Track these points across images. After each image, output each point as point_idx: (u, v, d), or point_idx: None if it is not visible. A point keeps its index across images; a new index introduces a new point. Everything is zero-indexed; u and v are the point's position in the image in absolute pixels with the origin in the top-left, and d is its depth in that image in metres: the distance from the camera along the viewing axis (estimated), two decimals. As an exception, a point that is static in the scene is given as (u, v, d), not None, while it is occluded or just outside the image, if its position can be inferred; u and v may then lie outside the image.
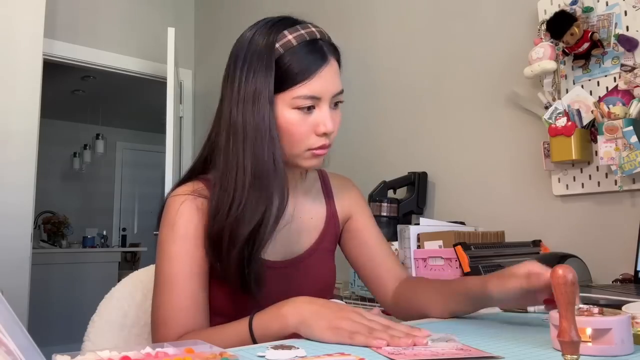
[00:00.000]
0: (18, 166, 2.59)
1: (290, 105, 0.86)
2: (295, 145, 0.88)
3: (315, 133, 0.87)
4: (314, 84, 0.85)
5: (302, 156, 0.89)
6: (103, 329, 0.97)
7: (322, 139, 0.88)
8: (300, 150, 0.88)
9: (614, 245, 1.42)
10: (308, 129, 0.87)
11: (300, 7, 2.68)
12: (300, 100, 0.85)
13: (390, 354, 0.58)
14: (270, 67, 0.85)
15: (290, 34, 0.87)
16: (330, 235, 1.02)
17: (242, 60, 0.89)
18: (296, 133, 0.86)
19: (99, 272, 4.74)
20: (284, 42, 0.86)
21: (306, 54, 0.86)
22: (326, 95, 0.87)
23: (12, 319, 0.45)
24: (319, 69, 0.85)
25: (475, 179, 1.81)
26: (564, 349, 0.49)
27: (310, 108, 0.86)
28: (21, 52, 2.64)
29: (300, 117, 0.86)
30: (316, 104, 0.86)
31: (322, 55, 0.87)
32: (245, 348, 0.66)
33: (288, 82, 0.85)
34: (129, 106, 5.67)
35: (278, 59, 0.85)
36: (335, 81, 0.88)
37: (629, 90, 1.39)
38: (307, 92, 0.85)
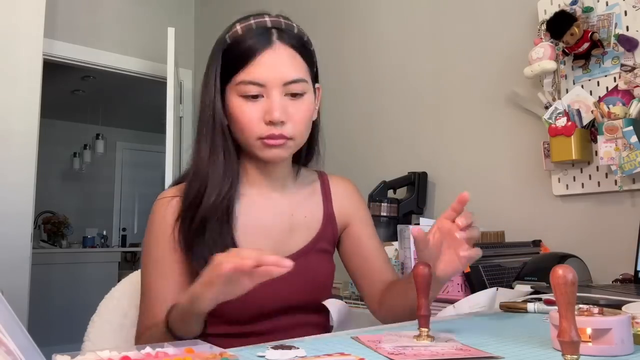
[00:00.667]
0: (18, 166, 2.59)
1: (237, 93, 0.87)
2: (245, 133, 0.88)
3: (264, 121, 0.86)
4: (254, 69, 0.85)
5: (254, 145, 0.88)
6: (103, 329, 0.98)
7: (271, 128, 0.86)
8: (251, 138, 0.88)
9: (614, 245, 1.42)
10: (256, 117, 0.86)
11: (300, 7, 2.70)
12: (242, 86, 0.86)
13: (390, 354, 0.58)
14: (217, 59, 0.89)
15: (240, 24, 0.90)
16: (327, 237, 1.01)
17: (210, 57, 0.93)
18: (242, 120, 0.87)
19: (99, 272, 4.74)
20: (231, 32, 0.89)
21: (249, 40, 0.86)
22: (271, 83, 0.85)
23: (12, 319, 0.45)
24: (258, 54, 0.85)
25: (475, 179, 1.81)
26: (564, 349, 0.49)
27: (257, 97, 0.86)
28: (21, 52, 2.64)
29: (245, 103, 0.87)
30: (262, 92, 0.86)
31: (266, 40, 0.86)
32: (245, 348, 0.66)
33: (232, 69, 0.87)
34: (129, 106, 5.67)
35: (226, 48, 0.88)
36: (283, 68, 0.86)
37: (629, 90, 1.39)
38: (247, 77, 0.86)
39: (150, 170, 6.30)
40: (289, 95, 0.87)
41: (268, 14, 0.92)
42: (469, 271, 1.35)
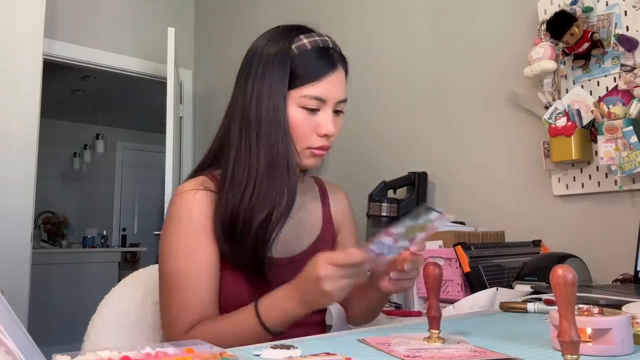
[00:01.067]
0: (18, 166, 2.59)
1: (298, 104, 0.92)
2: (297, 143, 0.93)
3: (317, 133, 0.93)
4: (321, 86, 0.92)
5: (302, 154, 0.94)
6: (103, 329, 0.97)
7: (322, 140, 0.94)
8: (301, 147, 0.93)
9: (614, 245, 1.42)
10: (310, 129, 0.93)
11: (300, 7, 2.70)
12: (307, 99, 0.91)
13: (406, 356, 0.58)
14: (286, 66, 0.91)
15: (306, 38, 0.94)
16: (328, 238, 1.05)
17: (259, 59, 0.94)
18: (299, 130, 0.92)
19: (99, 272, 4.74)
20: (299, 44, 0.93)
21: (317, 59, 0.93)
22: (331, 100, 0.93)
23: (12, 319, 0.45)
24: (327, 74, 0.92)
25: (475, 179, 1.81)
26: (564, 349, 0.49)
27: (315, 110, 0.92)
28: (21, 52, 2.64)
29: (305, 116, 0.92)
30: (320, 106, 0.93)
31: (332, 62, 0.94)
32: (244, 348, 0.66)
33: (298, 81, 0.91)
34: (129, 106, 5.66)
35: (292, 58, 0.92)
36: (340, 88, 0.95)
37: (629, 90, 1.39)
38: (314, 92, 0.91)
39: (150, 170, 6.30)
40: (334, 112, 0.95)
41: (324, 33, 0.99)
42: (469, 271, 1.35)
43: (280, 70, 0.91)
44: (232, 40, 3.26)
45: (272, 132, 0.90)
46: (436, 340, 0.64)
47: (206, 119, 3.51)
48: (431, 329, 0.65)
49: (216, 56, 3.43)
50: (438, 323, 0.65)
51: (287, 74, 0.91)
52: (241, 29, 3.18)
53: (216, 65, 3.42)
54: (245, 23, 3.14)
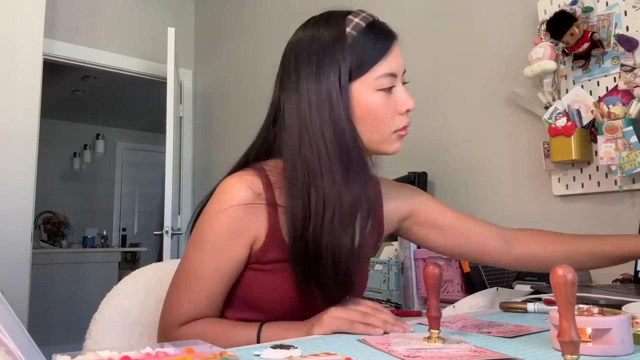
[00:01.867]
0: (18, 166, 2.59)
1: (374, 87, 0.83)
2: (382, 129, 0.85)
3: (399, 113, 0.86)
4: (391, 61, 0.84)
5: (388, 140, 0.87)
6: (105, 327, 0.97)
7: (405, 118, 0.87)
8: (387, 133, 0.86)
9: (614, 245, 1.42)
10: (392, 110, 0.85)
11: (300, 7, 2.69)
12: (382, 79, 0.83)
13: (406, 356, 0.58)
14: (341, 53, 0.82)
15: (355, 17, 0.86)
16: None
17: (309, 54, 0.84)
18: (383, 115, 0.84)
19: (99, 272, 4.74)
20: (353, 25, 0.85)
21: (377, 34, 0.85)
22: (400, 72, 0.87)
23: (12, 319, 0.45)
24: (391, 45, 0.85)
25: (475, 179, 1.81)
26: (564, 349, 0.49)
27: (390, 88, 0.84)
28: (21, 52, 2.65)
29: (384, 98, 0.84)
30: (394, 82, 0.85)
31: (389, 32, 0.87)
32: (244, 348, 0.66)
33: (367, 64, 0.83)
34: (129, 106, 5.67)
35: (352, 42, 0.83)
36: (401, 57, 0.88)
37: (628, 90, 1.39)
38: (387, 69, 0.84)
39: (150, 170, 6.30)
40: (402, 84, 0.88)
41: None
42: (469, 271, 1.35)
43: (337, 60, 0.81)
44: (232, 40, 3.26)
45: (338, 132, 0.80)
46: (436, 340, 0.64)
47: (206, 119, 3.51)
48: (431, 329, 0.65)
49: (216, 56, 3.43)
50: (438, 323, 0.65)
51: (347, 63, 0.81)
52: (241, 29, 3.18)
53: (216, 65, 3.42)
54: (246, 23, 3.14)
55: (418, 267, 1.50)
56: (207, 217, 0.85)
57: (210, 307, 0.85)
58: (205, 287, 0.84)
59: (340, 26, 0.84)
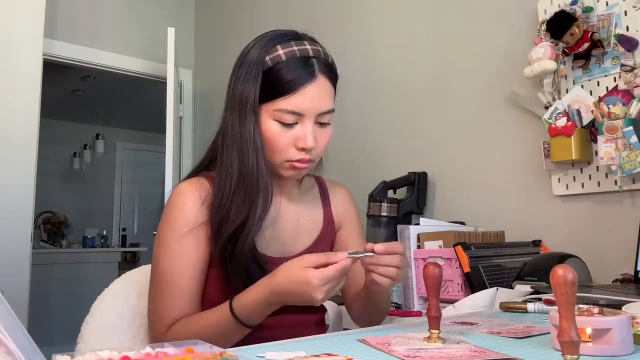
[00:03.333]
0: (18, 166, 2.59)
1: (272, 117, 0.89)
2: (275, 155, 0.91)
3: (295, 147, 0.90)
4: (297, 99, 0.87)
5: (280, 166, 0.92)
6: (97, 330, 0.97)
7: (301, 153, 0.90)
8: (280, 160, 0.91)
9: (614, 245, 1.42)
10: (288, 142, 0.89)
11: (300, 7, 2.69)
12: (281, 113, 0.88)
13: (406, 356, 0.58)
14: (257, 78, 0.88)
15: (282, 49, 0.89)
16: (327, 239, 1.05)
17: (237, 69, 0.93)
18: (276, 144, 0.89)
19: (99, 272, 4.74)
20: (273, 55, 0.89)
21: (293, 69, 0.87)
22: (309, 113, 0.88)
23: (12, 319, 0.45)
24: (302, 86, 0.87)
25: (475, 179, 1.81)
26: (564, 349, 0.49)
27: (292, 124, 0.88)
28: (21, 52, 2.64)
29: (281, 129, 0.89)
30: (298, 119, 0.89)
31: (310, 72, 0.88)
32: (245, 348, 0.66)
33: (272, 94, 0.88)
34: (129, 106, 5.66)
35: (266, 71, 0.88)
36: (320, 100, 0.89)
37: (629, 90, 1.39)
38: (288, 106, 0.87)
39: (150, 170, 6.29)
40: (317, 123, 0.91)
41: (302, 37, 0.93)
42: (469, 271, 1.35)
43: (251, 83, 0.89)
44: (232, 40, 3.26)
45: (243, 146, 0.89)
46: (436, 340, 0.64)
47: (206, 119, 3.51)
48: (431, 329, 0.65)
49: (216, 56, 3.42)
50: (438, 323, 0.65)
51: (257, 88, 0.88)
52: (241, 29, 3.18)
53: (216, 65, 3.42)
54: (246, 23, 3.14)
55: (418, 267, 1.50)
56: (164, 221, 0.93)
57: (189, 306, 0.89)
58: (179, 289, 0.89)
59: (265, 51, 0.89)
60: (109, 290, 1.03)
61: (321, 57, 0.91)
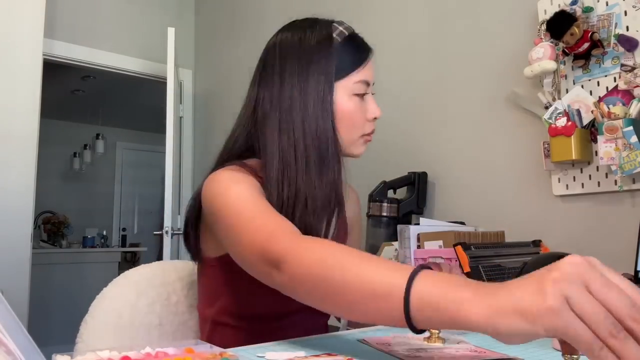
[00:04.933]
0: (18, 166, 2.59)
1: (351, 92, 0.90)
2: (353, 132, 0.91)
3: (367, 119, 0.93)
4: (367, 70, 0.92)
5: (355, 143, 0.93)
6: (97, 330, 0.97)
7: (372, 125, 0.95)
8: (356, 136, 0.92)
9: (614, 245, 1.42)
10: (363, 115, 0.92)
11: (300, 7, 2.69)
12: (358, 85, 0.90)
13: (406, 356, 0.58)
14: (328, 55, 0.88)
15: (340, 25, 0.94)
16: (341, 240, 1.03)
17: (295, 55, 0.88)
18: (356, 119, 0.91)
19: (99, 272, 4.74)
20: (338, 32, 0.92)
21: (358, 44, 0.93)
22: (371, 82, 0.93)
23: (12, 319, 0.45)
24: (368, 57, 0.93)
25: (475, 179, 1.81)
26: (564, 349, 0.49)
27: (364, 95, 0.92)
28: (21, 52, 2.64)
29: (358, 103, 0.91)
30: (367, 90, 0.92)
31: (367, 45, 0.94)
32: (246, 348, 0.66)
33: (348, 69, 0.89)
34: (129, 106, 5.67)
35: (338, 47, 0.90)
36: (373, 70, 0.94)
37: (629, 90, 1.39)
38: (363, 77, 0.91)
39: (150, 170, 6.29)
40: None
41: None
42: (468, 271, 1.35)
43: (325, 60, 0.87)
44: (232, 40, 3.26)
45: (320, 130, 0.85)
46: (436, 340, 0.64)
47: (206, 119, 3.51)
48: (431, 328, 0.65)
49: (216, 56, 3.42)
50: None
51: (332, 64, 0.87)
52: (241, 29, 3.18)
53: (216, 65, 3.42)
54: (246, 23, 3.14)
55: (418, 267, 1.50)
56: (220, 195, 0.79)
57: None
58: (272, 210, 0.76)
59: (327, 31, 0.91)
60: (108, 290, 1.03)
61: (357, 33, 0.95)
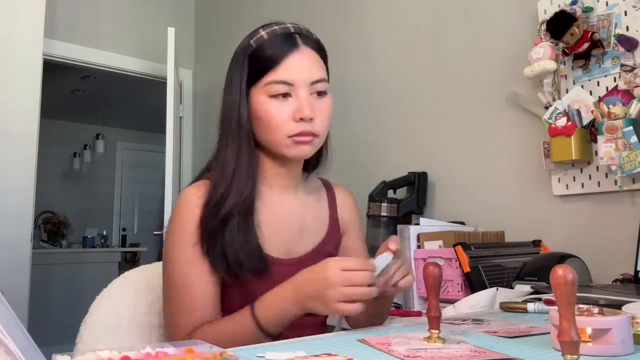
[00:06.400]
0: (18, 166, 2.59)
1: (266, 93, 0.90)
2: (274, 132, 0.90)
3: (293, 119, 0.89)
4: (283, 69, 0.89)
5: (283, 144, 0.91)
6: (96, 331, 0.97)
7: (300, 125, 0.89)
8: (281, 136, 0.90)
9: (614, 245, 1.42)
10: (286, 116, 0.89)
11: (299, 6, 2.69)
12: (271, 86, 0.89)
13: (406, 356, 0.58)
14: (243, 62, 0.91)
15: (264, 30, 0.93)
16: (333, 241, 1.04)
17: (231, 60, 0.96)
18: (273, 119, 0.89)
19: (99, 272, 4.74)
20: (256, 37, 0.92)
21: (276, 44, 0.90)
22: (299, 82, 0.89)
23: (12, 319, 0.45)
24: (287, 55, 0.89)
25: (475, 179, 1.81)
26: (564, 349, 0.49)
27: (286, 95, 0.89)
28: (21, 52, 2.64)
29: (276, 103, 0.89)
30: (291, 90, 0.89)
31: (292, 43, 0.90)
32: (245, 348, 0.66)
33: (260, 71, 0.90)
34: (129, 106, 5.66)
35: (251, 53, 0.91)
36: (310, 68, 0.90)
37: (629, 90, 1.39)
38: (277, 77, 0.89)
39: (150, 170, 6.29)
40: (314, 94, 0.91)
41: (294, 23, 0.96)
42: (469, 271, 1.35)
43: (238, 69, 0.92)
44: (232, 40, 3.25)
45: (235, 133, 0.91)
46: (436, 340, 0.64)
47: (206, 119, 3.50)
48: (431, 329, 0.65)
49: (216, 56, 3.42)
50: (438, 323, 0.65)
51: (244, 71, 0.91)
52: (241, 29, 3.17)
53: (216, 65, 3.42)
54: (246, 23, 3.14)
55: (418, 267, 1.50)
56: (172, 228, 0.91)
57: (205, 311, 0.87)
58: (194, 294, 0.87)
59: (248, 37, 0.94)
60: (108, 291, 1.03)
61: (304, 32, 0.93)
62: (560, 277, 0.49)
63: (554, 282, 0.50)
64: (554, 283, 0.50)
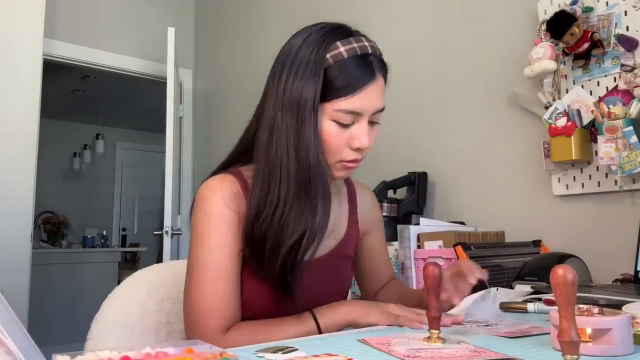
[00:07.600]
0: (18, 166, 2.59)
1: (330, 117, 0.85)
2: (329, 156, 0.87)
3: (350, 147, 0.87)
4: (357, 100, 0.85)
5: (333, 167, 0.89)
6: (106, 328, 0.98)
7: (355, 153, 0.88)
8: (334, 160, 0.88)
9: (614, 245, 1.42)
10: (343, 142, 0.87)
11: (300, 7, 2.69)
12: (340, 114, 0.85)
13: (406, 356, 0.58)
14: (318, 76, 0.84)
15: (343, 45, 0.86)
16: (351, 243, 1.02)
17: (290, 64, 0.87)
18: (332, 144, 0.86)
19: (99, 272, 4.74)
20: (334, 53, 0.85)
21: (355, 69, 0.85)
22: (367, 112, 0.87)
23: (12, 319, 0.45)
24: (364, 86, 0.85)
25: (475, 179, 1.81)
26: (564, 349, 0.49)
27: (349, 124, 0.86)
28: (21, 52, 2.64)
29: (338, 129, 0.86)
30: (356, 119, 0.86)
31: (371, 71, 0.87)
32: (245, 348, 0.66)
33: (332, 93, 0.84)
34: (129, 106, 5.67)
35: (327, 69, 0.85)
36: (378, 99, 0.88)
37: (629, 90, 1.39)
38: (348, 106, 0.85)
39: (150, 170, 6.30)
40: (370, 122, 0.89)
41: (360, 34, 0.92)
42: (469, 271, 1.35)
43: (312, 81, 0.84)
44: (232, 40, 3.26)
45: (301, 145, 0.84)
46: (436, 340, 0.64)
47: (206, 119, 3.51)
48: (431, 329, 0.65)
49: (216, 56, 3.42)
50: (438, 323, 0.65)
51: (319, 86, 0.84)
52: (241, 29, 3.18)
53: (216, 65, 3.42)
54: (245, 23, 3.14)
55: (418, 267, 1.50)
56: (199, 218, 0.87)
57: (238, 303, 0.86)
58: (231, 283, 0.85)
59: (323, 49, 0.86)
60: (119, 289, 1.04)
61: (377, 54, 0.90)
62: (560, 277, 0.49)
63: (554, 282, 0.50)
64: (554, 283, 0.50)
